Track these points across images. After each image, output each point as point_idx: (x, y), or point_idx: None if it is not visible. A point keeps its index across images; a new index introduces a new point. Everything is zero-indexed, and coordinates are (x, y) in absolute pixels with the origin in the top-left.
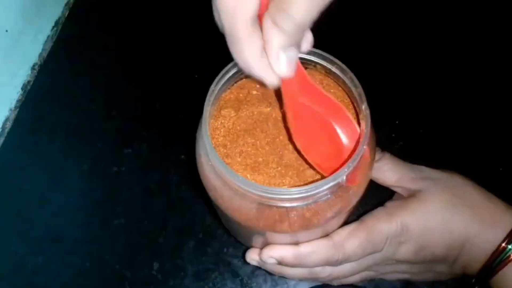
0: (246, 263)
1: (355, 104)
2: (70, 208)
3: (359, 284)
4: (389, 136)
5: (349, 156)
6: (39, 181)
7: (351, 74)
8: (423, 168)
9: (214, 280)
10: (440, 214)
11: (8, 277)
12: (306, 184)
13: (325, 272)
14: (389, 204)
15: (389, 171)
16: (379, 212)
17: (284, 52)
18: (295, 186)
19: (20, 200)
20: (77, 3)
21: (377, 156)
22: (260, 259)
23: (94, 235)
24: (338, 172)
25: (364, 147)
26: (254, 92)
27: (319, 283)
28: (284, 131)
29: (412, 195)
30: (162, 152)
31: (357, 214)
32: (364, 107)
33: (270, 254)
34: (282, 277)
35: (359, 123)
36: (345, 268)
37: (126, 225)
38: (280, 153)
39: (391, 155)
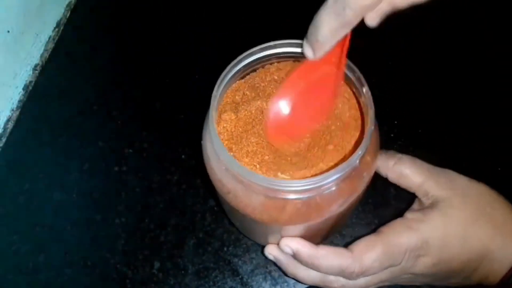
0: (246, 262)
1: (355, 90)
2: (71, 207)
3: None
4: (388, 136)
5: (358, 142)
6: (40, 180)
7: (347, 61)
8: (450, 172)
9: (214, 278)
10: (461, 230)
11: (9, 275)
12: (313, 176)
13: (339, 283)
14: (409, 215)
15: (414, 174)
16: (398, 224)
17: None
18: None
19: (21, 199)
20: (78, 4)
21: (393, 159)
22: (279, 246)
23: (95, 234)
24: (348, 160)
25: (372, 127)
26: (248, 92)
27: None
28: None
29: (434, 205)
30: (162, 152)
31: (373, 224)
32: (365, 90)
33: (288, 243)
34: (282, 276)
35: (361, 110)
36: (360, 282)
37: (127, 224)
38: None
39: (411, 157)
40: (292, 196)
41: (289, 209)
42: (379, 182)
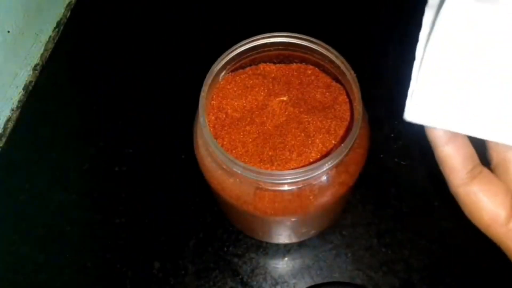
0: (246, 262)
1: (341, 77)
2: (71, 207)
3: (359, 283)
4: (389, 136)
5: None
6: (40, 180)
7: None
8: None
9: (214, 279)
10: None
11: (9, 276)
12: (303, 166)
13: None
14: None
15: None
16: None
17: None
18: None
19: (21, 199)
20: (78, 4)
21: (464, 173)
22: None
23: (95, 234)
24: (336, 151)
25: (360, 109)
26: (236, 89)
27: (320, 281)
28: (270, 119)
29: None
30: (162, 152)
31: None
32: (350, 73)
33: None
34: (282, 276)
35: (351, 104)
36: None
37: (127, 224)
38: (269, 141)
39: (490, 172)
40: (283, 187)
41: (280, 200)
42: (379, 182)
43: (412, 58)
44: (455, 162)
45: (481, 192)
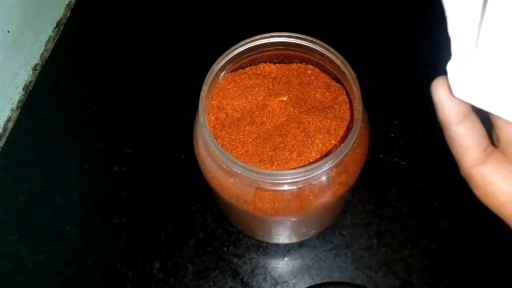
0: (246, 262)
1: (341, 77)
2: (71, 208)
3: (359, 283)
4: (388, 136)
5: (345, 136)
6: (40, 180)
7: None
8: None
9: (214, 279)
10: None
11: (9, 276)
12: (303, 166)
13: None
14: None
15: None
16: None
17: None
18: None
19: (21, 199)
20: (78, 4)
21: (478, 152)
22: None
23: (95, 234)
24: (336, 151)
25: (360, 109)
26: (236, 89)
27: (320, 281)
28: (270, 119)
29: None
30: (162, 152)
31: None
32: (350, 74)
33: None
34: (282, 276)
35: (351, 104)
36: None
37: (127, 224)
38: (269, 141)
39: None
40: (283, 187)
41: (280, 200)
42: (379, 182)
43: (411, 58)
44: (468, 141)
45: (495, 172)
